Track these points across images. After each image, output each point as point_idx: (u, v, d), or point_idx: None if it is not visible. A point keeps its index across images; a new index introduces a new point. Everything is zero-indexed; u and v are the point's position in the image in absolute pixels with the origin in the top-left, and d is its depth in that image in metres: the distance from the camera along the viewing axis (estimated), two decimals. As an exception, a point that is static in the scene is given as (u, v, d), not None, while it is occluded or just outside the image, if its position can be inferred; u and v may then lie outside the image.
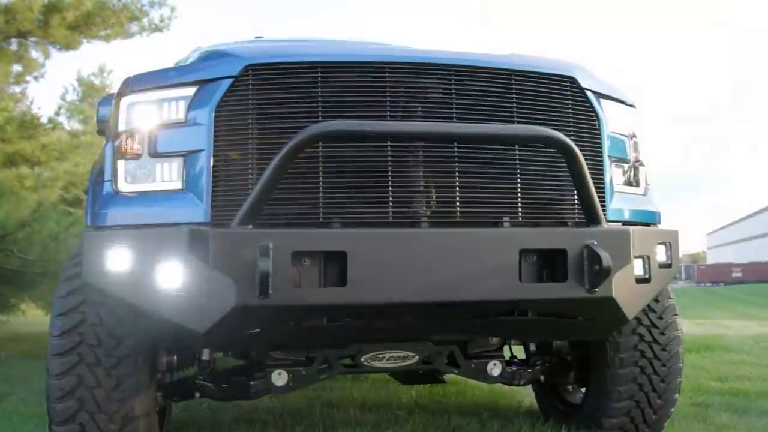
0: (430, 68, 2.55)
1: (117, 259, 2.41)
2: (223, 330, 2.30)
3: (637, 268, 2.65)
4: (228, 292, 2.23)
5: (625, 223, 2.80)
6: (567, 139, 2.41)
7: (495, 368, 3.16)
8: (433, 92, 2.58)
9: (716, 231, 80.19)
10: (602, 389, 3.20)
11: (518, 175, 2.59)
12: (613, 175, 2.83)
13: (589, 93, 2.76)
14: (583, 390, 3.59)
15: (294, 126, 2.43)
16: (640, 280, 2.66)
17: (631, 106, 3.03)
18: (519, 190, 2.59)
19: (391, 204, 2.46)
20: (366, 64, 2.52)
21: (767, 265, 45.60)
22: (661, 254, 2.80)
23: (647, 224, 2.95)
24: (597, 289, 2.44)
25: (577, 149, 2.42)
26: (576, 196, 2.63)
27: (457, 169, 2.53)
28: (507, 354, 3.49)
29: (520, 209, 2.58)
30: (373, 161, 2.47)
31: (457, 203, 2.52)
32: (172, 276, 2.32)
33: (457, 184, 2.52)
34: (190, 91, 2.53)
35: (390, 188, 2.46)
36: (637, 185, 3.00)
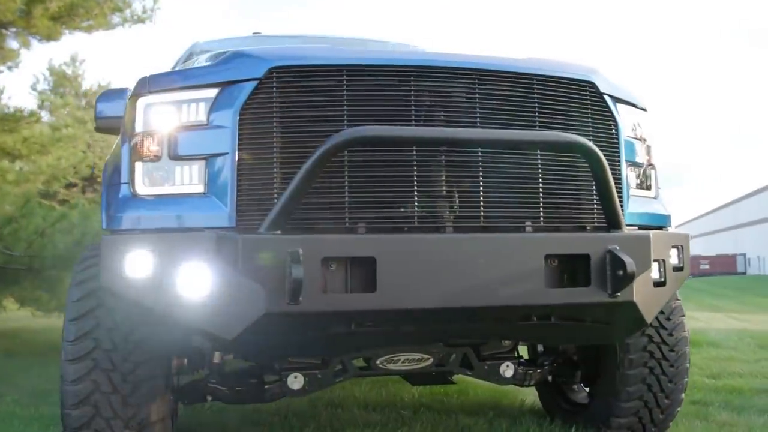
0: (455, 72, 2.54)
1: (138, 264, 2.36)
2: (251, 337, 2.28)
3: (654, 271, 2.68)
4: (257, 298, 2.20)
5: (641, 227, 2.84)
6: (595, 148, 2.42)
7: (508, 369, 3.18)
8: (457, 96, 2.57)
9: (684, 224, 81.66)
10: (611, 389, 3.24)
11: (540, 180, 2.61)
12: (628, 178, 2.86)
13: (607, 98, 2.77)
14: (587, 389, 3.64)
15: (319, 130, 2.41)
16: (656, 284, 2.69)
17: (643, 109, 3.06)
18: (541, 194, 2.60)
19: (416, 208, 2.45)
20: (391, 68, 2.50)
21: (734, 258, 46.61)
22: (674, 257, 2.84)
23: (659, 227, 2.99)
24: (619, 294, 2.47)
25: (603, 157, 2.44)
26: (595, 201, 2.66)
27: (481, 173, 2.53)
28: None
29: (542, 214, 2.59)
30: (399, 166, 2.46)
31: (481, 208, 2.52)
32: (198, 282, 2.29)
33: (481, 188, 2.52)
34: (212, 92, 2.49)
35: (415, 193, 2.46)
36: (649, 188, 3.03)
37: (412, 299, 2.30)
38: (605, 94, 2.77)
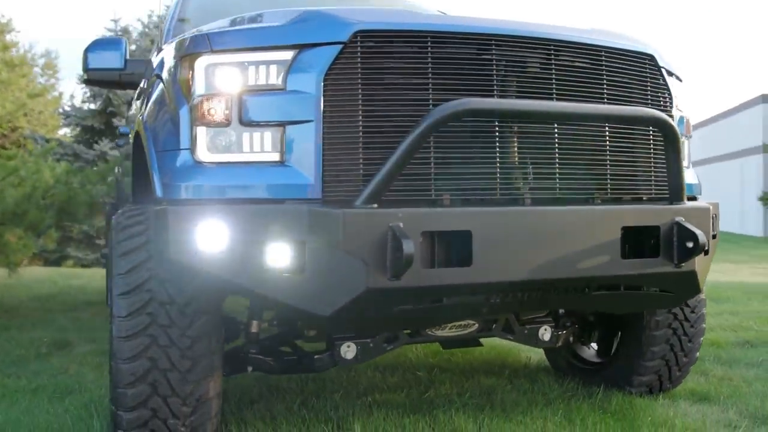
0: (534, 42, 2.50)
1: (218, 237, 2.24)
2: (347, 313, 2.22)
3: None
4: (358, 274, 2.14)
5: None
6: (673, 123, 2.48)
7: (546, 333, 3.27)
8: (532, 67, 2.54)
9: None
10: (636, 349, 3.39)
11: (608, 152, 2.64)
12: None
13: (664, 71, 2.82)
14: (596, 348, 3.79)
15: (405, 98, 2.34)
16: (705, 252, 2.81)
17: (680, 80, 3.13)
18: (608, 166, 2.64)
19: (498, 180, 2.43)
20: (475, 35, 2.43)
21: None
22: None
23: (692, 197, 3.10)
24: (684, 264, 2.56)
25: (678, 133, 2.49)
26: (653, 172, 2.73)
27: (557, 145, 2.53)
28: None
29: (609, 185, 2.63)
30: (482, 137, 2.43)
31: (557, 180, 2.53)
32: (290, 257, 2.20)
33: (557, 160, 2.53)
34: (287, 55, 2.35)
35: (498, 165, 2.43)
36: (683, 159, 3.13)
37: (505, 272, 2.30)
38: (662, 67, 2.82)
